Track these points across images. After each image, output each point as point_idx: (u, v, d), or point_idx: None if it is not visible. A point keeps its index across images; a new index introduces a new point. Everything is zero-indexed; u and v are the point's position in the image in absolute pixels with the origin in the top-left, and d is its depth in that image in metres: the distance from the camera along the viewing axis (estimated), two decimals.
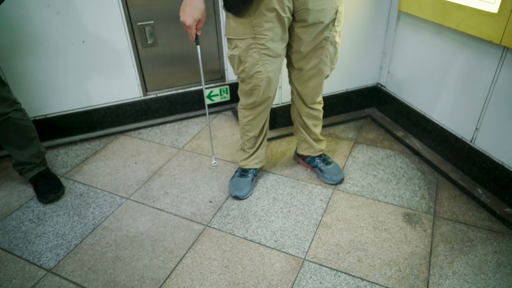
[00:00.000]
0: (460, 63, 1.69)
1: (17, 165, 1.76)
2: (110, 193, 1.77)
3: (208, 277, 1.37)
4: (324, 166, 1.79)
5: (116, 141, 2.17)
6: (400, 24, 2.00)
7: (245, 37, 1.34)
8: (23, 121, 1.65)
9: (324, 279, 1.35)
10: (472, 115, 1.69)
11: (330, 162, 1.81)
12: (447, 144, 1.86)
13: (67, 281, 1.37)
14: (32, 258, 1.47)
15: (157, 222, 1.61)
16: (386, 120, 2.26)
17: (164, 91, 2.31)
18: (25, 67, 1.94)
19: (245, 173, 1.73)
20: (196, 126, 2.28)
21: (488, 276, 1.35)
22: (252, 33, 1.33)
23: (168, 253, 1.47)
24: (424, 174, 1.83)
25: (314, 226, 1.56)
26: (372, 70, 2.23)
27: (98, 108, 2.19)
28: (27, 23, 1.84)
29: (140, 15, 2.05)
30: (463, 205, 1.65)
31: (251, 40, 1.34)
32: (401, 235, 1.51)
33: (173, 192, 1.77)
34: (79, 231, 1.58)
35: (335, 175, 1.76)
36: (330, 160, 1.82)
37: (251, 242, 1.50)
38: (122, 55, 2.09)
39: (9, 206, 1.72)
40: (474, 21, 1.51)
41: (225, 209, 1.66)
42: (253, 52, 1.36)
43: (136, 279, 1.37)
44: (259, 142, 1.68)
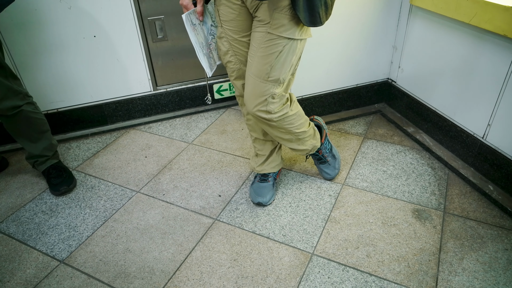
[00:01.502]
0: (473, 58, 1.67)
1: (30, 158, 1.79)
2: (121, 186, 1.80)
3: (217, 270, 1.38)
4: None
5: (127, 135, 2.19)
6: (412, 18, 1.97)
7: (218, 25, 1.37)
8: (35, 114, 1.68)
9: (332, 274, 1.36)
10: (485, 111, 1.67)
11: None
12: (458, 140, 1.84)
13: (79, 272, 1.40)
14: (45, 249, 1.50)
15: (167, 215, 1.62)
16: (397, 115, 2.24)
17: (174, 86, 2.32)
18: (38, 62, 1.96)
19: (265, 178, 1.67)
20: (206, 121, 2.29)
21: (498, 273, 1.34)
22: (220, 22, 1.35)
23: (177, 246, 1.48)
24: (435, 170, 1.82)
25: (322, 221, 1.56)
26: (382, 65, 2.21)
27: (108, 102, 2.21)
28: (39, 18, 1.86)
29: (150, 9, 2.06)
30: (474, 201, 1.64)
31: (220, 29, 1.36)
32: (410, 231, 1.51)
33: (182, 185, 1.79)
34: (91, 223, 1.61)
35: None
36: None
37: (259, 236, 1.51)
38: (132, 49, 2.10)
39: (23, 198, 1.76)
40: (488, 15, 1.49)
41: (234, 203, 1.67)
42: (223, 40, 1.37)
43: (146, 271, 1.39)
44: (272, 146, 1.63)
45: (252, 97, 1.35)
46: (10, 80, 1.56)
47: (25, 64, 1.94)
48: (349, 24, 1.97)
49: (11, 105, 1.57)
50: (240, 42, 1.36)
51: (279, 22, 1.21)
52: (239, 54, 1.38)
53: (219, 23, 1.35)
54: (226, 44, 1.37)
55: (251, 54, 1.32)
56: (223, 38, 1.37)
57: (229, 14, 1.31)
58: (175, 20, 2.13)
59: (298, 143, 1.55)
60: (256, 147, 1.66)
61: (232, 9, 1.29)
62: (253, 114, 1.39)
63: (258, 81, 1.31)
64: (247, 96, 1.38)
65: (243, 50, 1.37)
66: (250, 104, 1.37)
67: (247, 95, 1.37)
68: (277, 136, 1.50)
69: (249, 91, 1.36)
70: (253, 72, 1.32)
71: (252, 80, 1.33)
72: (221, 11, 1.32)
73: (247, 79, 1.36)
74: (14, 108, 1.59)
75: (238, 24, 1.32)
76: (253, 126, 1.59)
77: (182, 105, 2.39)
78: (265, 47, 1.26)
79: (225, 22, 1.33)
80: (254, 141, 1.65)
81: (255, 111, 1.37)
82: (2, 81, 1.52)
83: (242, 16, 1.30)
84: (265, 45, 1.26)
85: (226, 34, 1.35)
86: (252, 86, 1.34)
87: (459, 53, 1.73)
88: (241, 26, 1.32)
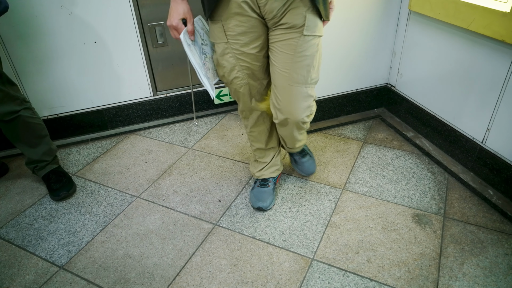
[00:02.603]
0: (471, 63, 1.68)
1: (29, 163, 1.79)
2: (121, 192, 1.80)
3: (217, 276, 1.38)
4: (300, 158, 1.78)
5: (127, 140, 2.19)
6: (410, 23, 1.99)
7: (220, 41, 1.31)
8: (33, 119, 1.68)
9: (332, 279, 1.35)
10: (484, 116, 1.68)
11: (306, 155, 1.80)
12: (458, 144, 1.85)
13: (79, 277, 1.40)
14: (44, 254, 1.50)
15: (167, 221, 1.62)
16: (396, 120, 2.25)
17: (174, 91, 2.33)
18: (38, 67, 1.97)
19: (265, 183, 1.68)
20: (205, 126, 2.30)
21: (499, 278, 1.33)
22: (225, 38, 1.29)
23: (177, 251, 1.48)
24: (434, 175, 1.82)
25: (322, 226, 1.56)
26: (381, 70, 2.22)
27: (109, 107, 2.22)
28: (40, 24, 1.87)
29: (150, 15, 2.07)
30: (474, 206, 1.64)
31: (225, 45, 1.30)
32: (410, 236, 1.51)
33: (182, 191, 1.79)
34: (90, 228, 1.60)
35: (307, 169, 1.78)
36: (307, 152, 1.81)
37: (259, 241, 1.51)
38: (132, 55, 2.11)
39: (23, 203, 1.76)
40: (486, 20, 1.50)
41: (234, 208, 1.67)
42: (228, 56, 1.32)
43: (146, 276, 1.39)
44: (273, 153, 1.65)
45: (297, 105, 1.36)
46: (7, 86, 1.57)
47: (25, 70, 1.95)
48: (348, 29, 1.98)
49: (9, 110, 1.57)
50: (248, 55, 1.32)
51: (313, 22, 1.25)
52: (246, 68, 1.35)
53: (224, 38, 1.29)
54: (231, 60, 1.33)
55: (286, 63, 1.29)
56: (227, 55, 1.32)
57: (238, 27, 1.26)
58: None
59: (304, 138, 1.59)
60: (257, 155, 1.67)
61: (243, 22, 1.25)
62: (300, 121, 1.39)
63: (301, 87, 1.32)
64: (290, 107, 1.36)
65: (250, 63, 1.34)
66: (297, 114, 1.37)
67: (291, 106, 1.36)
68: (295, 138, 1.51)
69: (293, 101, 1.35)
70: (294, 81, 1.31)
71: (295, 89, 1.33)
72: (229, 25, 1.26)
73: (286, 90, 1.34)
74: (12, 113, 1.59)
75: (249, 36, 1.28)
76: (257, 137, 1.58)
77: (182, 110, 2.39)
78: (303, 50, 1.27)
79: (233, 36, 1.28)
80: (256, 151, 1.65)
81: (304, 117, 1.39)
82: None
83: (255, 28, 1.27)
84: (302, 48, 1.26)
85: (232, 49, 1.30)
86: (296, 95, 1.34)
87: (458, 58, 1.74)
88: (252, 38, 1.29)
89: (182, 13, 1.25)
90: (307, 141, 1.91)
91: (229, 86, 1.42)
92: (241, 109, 1.52)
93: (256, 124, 1.54)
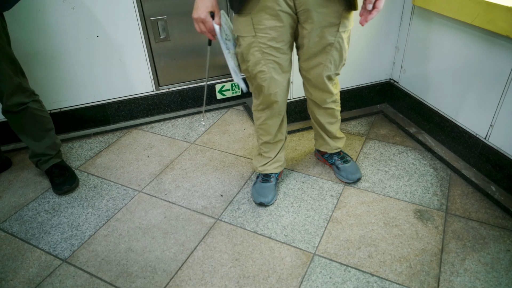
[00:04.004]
0: (475, 58, 1.67)
1: (33, 156, 1.80)
2: (123, 186, 1.80)
3: (219, 270, 1.39)
4: (341, 164, 1.76)
5: (129, 135, 2.20)
6: (414, 18, 1.97)
7: (246, 35, 1.31)
8: (40, 112, 1.69)
9: (334, 274, 1.36)
10: (487, 112, 1.67)
11: (348, 160, 1.78)
12: (461, 140, 1.84)
13: (82, 271, 1.41)
14: (48, 248, 1.51)
15: (169, 215, 1.63)
16: (399, 116, 2.24)
17: (176, 86, 2.33)
18: (41, 61, 1.97)
19: (267, 178, 1.68)
20: (208, 121, 2.30)
21: (500, 274, 1.34)
22: (253, 31, 1.29)
23: (179, 246, 1.49)
24: (437, 171, 1.82)
25: (324, 221, 1.57)
26: (384, 65, 2.21)
27: (111, 102, 2.22)
28: (43, 18, 1.87)
29: (153, 10, 2.07)
30: (476, 202, 1.63)
31: (252, 38, 1.30)
32: (412, 231, 1.51)
33: (184, 185, 1.79)
34: (93, 222, 1.61)
35: (351, 174, 1.74)
36: (348, 158, 1.80)
37: (261, 236, 1.51)
38: (135, 49, 2.11)
39: (26, 197, 1.77)
40: (490, 15, 1.48)
41: (235, 203, 1.68)
42: (254, 50, 1.32)
43: (148, 270, 1.40)
44: (279, 147, 1.64)
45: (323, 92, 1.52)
46: (20, 76, 1.58)
47: (28, 64, 1.95)
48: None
49: (19, 101, 1.59)
50: (275, 49, 1.33)
51: (349, 17, 1.33)
52: (272, 61, 1.34)
53: (252, 32, 1.29)
54: (257, 54, 1.32)
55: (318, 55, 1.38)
56: (254, 48, 1.32)
57: (268, 21, 1.27)
58: (177, 20, 2.13)
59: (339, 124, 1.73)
60: (263, 149, 1.65)
61: (274, 16, 1.26)
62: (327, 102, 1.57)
63: (329, 78, 1.47)
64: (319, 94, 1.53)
65: (276, 57, 1.34)
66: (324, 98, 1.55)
67: (320, 93, 1.52)
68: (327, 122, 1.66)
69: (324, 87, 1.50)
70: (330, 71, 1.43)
71: (325, 80, 1.46)
72: (258, 19, 1.27)
73: (321, 81, 1.46)
74: (21, 105, 1.60)
75: (278, 30, 1.29)
76: (268, 129, 1.57)
77: (184, 105, 2.39)
78: (342, 45, 1.36)
79: (261, 30, 1.28)
80: (262, 144, 1.64)
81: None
82: (12, 77, 1.54)
83: (285, 22, 1.28)
84: (341, 43, 1.35)
85: (259, 42, 1.30)
86: (324, 84, 1.48)
87: (461, 54, 1.73)
88: (281, 32, 1.30)
89: (210, 6, 1.23)
90: (344, 147, 1.92)
91: (251, 80, 1.42)
92: (259, 103, 1.49)
93: (271, 116, 1.52)
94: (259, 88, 1.43)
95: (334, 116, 1.66)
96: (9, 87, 1.54)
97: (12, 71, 1.53)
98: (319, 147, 1.80)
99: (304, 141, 2.06)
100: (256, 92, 1.47)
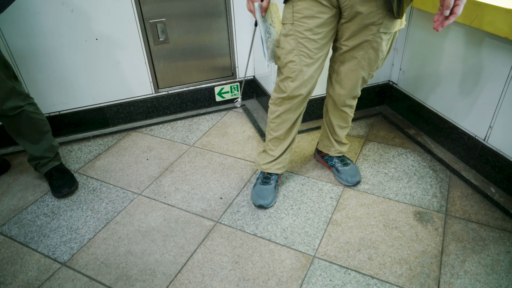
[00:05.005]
0: (474, 60, 1.67)
1: (32, 160, 1.79)
2: (122, 189, 1.80)
3: (219, 273, 1.38)
4: (341, 166, 1.76)
5: (128, 137, 2.20)
6: (413, 20, 1.98)
7: (286, 22, 1.33)
8: (36, 115, 1.69)
9: (334, 276, 1.35)
10: (486, 113, 1.67)
11: (348, 163, 1.78)
12: (460, 142, 1.84)
13: (81, 274, 1.40)
14: (47, 251, 1.50)
15: (168, 218, 1.63)
16: (398, 117, 2.24)
17: (175, 88, 2.33)
18: (39, 64, 1.97)
19: (267, 180, 1.67)
20: (207, 123, 2.30)
21: (500, 276, 1.33)
22: (292, 19, 1.30)
23: (179, 249, 1.48)
24: (436, 173, 1.82)
25: (324, 224, 1.56)
26: (384, 67, 2.21)
27: (110, 104, 2.22)
28: (41, 21, 1.87)
29: (152, 12, 2.07)
30: (476, 204, 1.63)
31: (290, 26, 1.31)
32: (412, 233, 1.51)
33: (184, 188, 1.79)
34: (92, 225, 1.61)
35: (351, 177, 1.73)
36: (348, 161, 1.79)
37: (261, 238, 1.51)
38: (134, 52, 2.11)
39: (25, 200, 1.76)
40: (489, 17, 1.49)
41: (235, 206, 1.67)
42: (290, 38, 1.33)
43: (147, 273, 1.39)
44: (285, 147, 1.62)
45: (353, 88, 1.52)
46: (13, 80, 1.57)
47: (27, 67, 1.95)
48: None
49: (13, 105, 1.58)
50: (309, 41, 1.32)
51: (393, 20, 1.31)
52: (304, 53, 1.34)
53: (290, 19, 1.31)
54: (292, 42, 1.33)
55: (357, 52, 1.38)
56: (290, 36, 1.32)
57: (307, 10, 1.27)
58: (176, 22, 2.14)
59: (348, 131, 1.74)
60: (269, 146, 1.63)
61: (313, 6, 1.27)
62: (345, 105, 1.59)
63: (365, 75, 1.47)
64: (342, 91, 1.53)
65: (309, 49, 1.33)
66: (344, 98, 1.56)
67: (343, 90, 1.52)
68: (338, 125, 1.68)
69: (351, 85, 1.50)
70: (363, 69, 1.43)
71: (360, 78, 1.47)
72: (298, 7, 1.28)
73: (351, 77, 1.47)
74: (16, 109, 1.60)
75: (315, 21, 1.29)
76: (281, 124, 1.54)
77: (184, 107, 2.39)
78: (380, 45, 1.35)
79: (299, 18, 1.29)
80: (270, 141, 1.61)
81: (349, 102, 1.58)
82: (6, 81, 1.53)
83: (324, 14, 1.28)
84: (379, 43, 1.34)
85: (296, 31, 1.31)
86: (353, 80, 1.48)
87: (460, 55, 1.73)
88: (317, 24, 1.29)
89: None
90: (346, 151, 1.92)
91: (282, 69, 1.41)
92: (280, 97, 1.46)
93: (289, 110, 1.49)
94: (286, 80, 1.41)
95: (346, 121, 1.67)
96: (2, 91, 1.53)
97: (5, 75, 1.53)
98: (322, 148, 1.80)
99: (303, 143, 2.06)
100: (282, 84, 1.43)
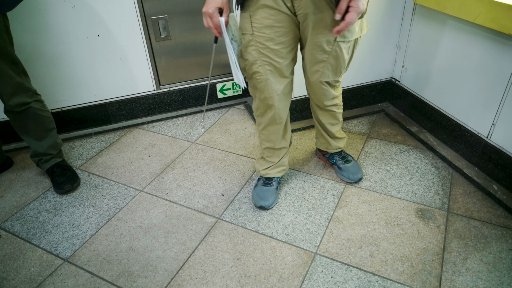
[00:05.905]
0: (477, 57, 1.66)
1: (34, 156, 1.80)
2: (124, 185, 1.80)
3: (220, 269, 1.38)
4: (342, 164, 1.76)
5: (130, 134, 2.20)
6: (415, 17, 1.97)
7: (246, 33, 1.29)
8: (42, 112, 1.69)
9: (335, 273, 1.35)
10: (489, 110, 1.66)
11: (350, 160, 1.77)
12: (462, 139, 1.84)
13: (83, 270, 1.41)
14: (49, 247, 1.51)
15: (170, 214, 1.63)
16: (400, 115, 2.24)
17: (177, 85, 2.32)
18: (41, 61, 1.97)
19: (269, 181, 1.66)
20: (209, 120, 2.30)
21: (502, 273, 1.33)
22: (251, 29, 1.26)
23: (180, 245, 1.49)
24: (438, 170, 1.81)
25: (325, 221, 1.56)
26: (386, 64, 2.20)
27: (112, 101, 2.22)
28: (43, 17, 1.87)
29: (154, 9, 2.06)
30: (478, 201, 1.63)
31: (250, 37, 1.28)
32: (413, 230, 1.50)
33: (185, 185, 1.79)
34: (94, 222, 1.61)
35: (353, 174, 1.73)
36: (349, 158, 1.79)
37: (262, 235, 1.51)
38: (136, 48, 2.11)
39: (27, 196, 1.77)
40: (492, 14, 1.48)
41: (237, 203, 1.67)
42: (251, 49, 1.29)
43: (149, 269, 1.40)
44: (282, 153, 1.61)
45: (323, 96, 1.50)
46: (22, 76, 1.58)
47: (29, 64, 1.95)
48: None
49: (21, 101, 1.59)
50: (272, 51, 1.29)
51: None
52: (268, 63, 1.31)
53: (250, 30, 1.27)
54: (254, 53, 1.30)
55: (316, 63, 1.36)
56: (251, 47, 1.30)
57: (266, 20, 1.24)
58: (178, 19, 2.13)
59: (340, 126, 1.71)
60: (265, 153, 1.63)
61: (272, 15, 1.23)
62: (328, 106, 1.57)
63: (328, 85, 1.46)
64: (319, 98, 1.52)
65: (273, 60, 1.31)
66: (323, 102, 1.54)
67: (319, 97, 1.51)
68: (328, 123, 1.65)
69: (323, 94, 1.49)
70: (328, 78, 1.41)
71: (324, 87, 1.45)
72: (256, 17, 1.25)
73: (319, 87, 1.45)
74: (23, 105, 1.60)
75: (275, 31, 1.26)
76: (269, 136, 1.54)
77: (185, 104, 2.39)
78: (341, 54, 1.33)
79: (259, 29, 1.26)
80: (265, 149, 1.61)
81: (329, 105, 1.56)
82: (14, 77, 1.54)
83: (283, 23, 1.25)
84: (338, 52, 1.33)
85: (257, 42, 1.28)
86: (322, 89, 1.46)
87: (463, 52, 1.72)
88: (278, 34, 1.26)
89: (220, 2, 1.21)
90: (345, 146, 1.91)
91: (249, 80, 1.40)
92: (257, 106, 1.47)
93: (270, 123, 1.49)
94: (255, 90, 1.41)
95: (336, 118, 1.65)
96: (9, 87, 1.54)
97: (13, 71, 1.53)
98: (320, 146, 1.80)
99: (305, 140, 2.06)
100: (253, 94, 1.45)
